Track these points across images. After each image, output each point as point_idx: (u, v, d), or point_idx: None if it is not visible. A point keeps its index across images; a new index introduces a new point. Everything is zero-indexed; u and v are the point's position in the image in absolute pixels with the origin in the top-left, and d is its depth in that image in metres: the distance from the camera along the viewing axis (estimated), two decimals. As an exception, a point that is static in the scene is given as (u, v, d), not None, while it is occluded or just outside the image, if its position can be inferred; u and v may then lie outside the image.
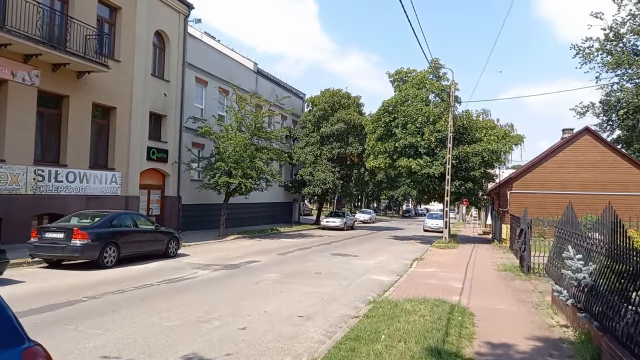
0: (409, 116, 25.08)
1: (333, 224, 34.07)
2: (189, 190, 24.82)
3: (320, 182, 33.76)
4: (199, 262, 14.35)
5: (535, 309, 9.52)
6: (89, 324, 7.11)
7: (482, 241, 29.22)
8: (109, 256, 12.47)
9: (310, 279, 12.22)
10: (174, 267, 13.12)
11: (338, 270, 14.14)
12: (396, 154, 25.48)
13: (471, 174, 24.83)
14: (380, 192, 76.58)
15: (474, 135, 25.70)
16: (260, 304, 9.02)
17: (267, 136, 24.74)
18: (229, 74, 28.08)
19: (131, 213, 14.52)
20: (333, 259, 16.94)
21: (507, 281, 13.12)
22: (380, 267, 15.46)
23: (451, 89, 25.26)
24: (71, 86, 17.67)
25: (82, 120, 18.25)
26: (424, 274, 13.90)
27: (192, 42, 25.52)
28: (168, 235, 15.17)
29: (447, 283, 12.46)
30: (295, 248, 20.06)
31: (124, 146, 20.40)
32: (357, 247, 21.87)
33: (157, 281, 10.88)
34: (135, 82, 20.84)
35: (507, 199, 28.02)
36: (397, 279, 12.92)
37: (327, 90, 37.23)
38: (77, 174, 18.07)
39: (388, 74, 28.09)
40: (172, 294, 9.51)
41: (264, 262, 15.28)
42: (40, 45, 15.32)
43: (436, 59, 26.42)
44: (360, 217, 50.78)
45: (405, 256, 18.83)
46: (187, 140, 24.76)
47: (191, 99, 25.51)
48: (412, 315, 7.92)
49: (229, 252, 17.64)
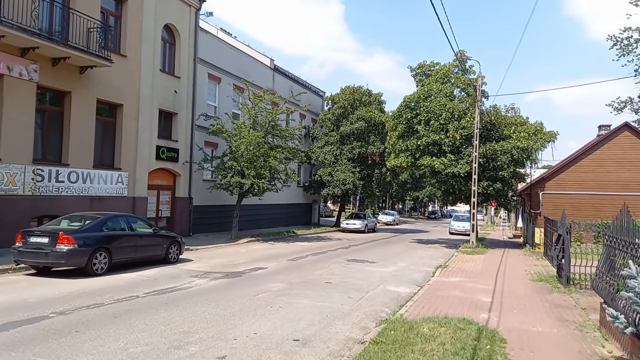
0: (432, 112, 23.51)
1: (353, 226, 32.67)
2: (201, 191, 23.82)
3: (340, 183, 32.40)
4: (200, 269, 13.21)
5: (579, 331, 7.99)
6: (39, 350, 5.97)
7: (512, 246, 27.36)
8: (99, 263, 11.42)
9: (317, 290, 10.91)
10: (170, 275, 12.00)
11: (351, 279, 12.78)
12: (418, 152, 23.94)
13: (500, 173, 23.09)
14: (404, 193, 74.72)
15: (502, 132, 23.94)
16: (253, 322, 7.76)
17: (281, 134, 23.55)
18: (243, 71, 26.99)
19: (126, 215, 13.47)
20: (348, 265, 15.58)
21: (544, 294, 11.53)
22: (399, 275, 14.03)
23: (478, 83, 23.58)
24: (73, 82, 16.82)
25: (85, 117, 17.39)
26: (448, 285, 12.42)
27: (205, 37, 24.54)
28: (168, 239, 14.08)
29: (474, 296, 10.98)
30: (309, 253, 18.78)
31: (132, 145, 19.50)
32: (376, 252, 20.44)
33: (145, 292, 9.74)
34: (143, 78, 19.93)
35: (540, 200, 26.12)
36: (416, 291, 11.50)
37: (347, 88, 35.85)
38: (80, 173, 17.21)
39: (410, 67, 26.59)
40: (155, 309, 8.34)
41: (271, 269, 14.04)
42: (35, 38, 14.44)
43: (462, 51, 24.74)
44: (383, 219, 49.24)
45: (428, 263, 17.33)
46: (199, 139, 23.78)
47: (203, 96, 24.52)
48: (429, 342, 6.52)
49: (236, 257, 16.48)
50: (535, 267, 16.65)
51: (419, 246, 24.79)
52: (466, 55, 24.82)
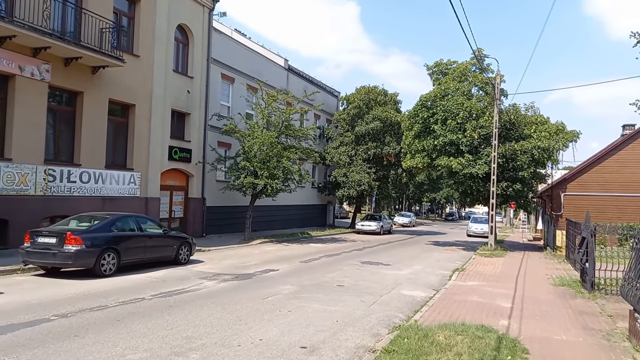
0: (449, 111, 22.95)
1: (368, 227, 32.20)
2: (214, 192, 23.62)
3: (355, 184, 31.97)
4: (210, 271, 12.94)
5: (607, 340, 7.48)
6: (33, 355, 5.72)
7: (532, 248, 26.62)
8: (107, 264, 11.22)
9: (329, 294, 10.53)
10: (179, 277, 11.74)
11: (364, 282, 12.38)
12: (435, 152, 23.39)
13: (519, 174, 22.41)
14: (421, 195, 73.88)
15: (522, 132, 23.27)
16: (260, 327, 7.42)
17: (295, 134, 23.24)
18: (257, 71, 26.76)
19: (136, 216, 13.27)
20: (362, 268, 15.17)
21: (567, 300, 10.97)
22: (414, 279, 13.57)
23: (496, 81, 22.95)
24: (85, 82, 16.75)
25: (97, 117, 17.31)
26: (465, 289, 11.93)
27: (218, 37, 24.39)
28: (178, 240, 13.85)
29: (493, 301, 10.49)
30: (322, 254, 18.41)
31: (144, 145, 19.39)
32: (391, 254, 19.98)
33: (152, 294, 9.48)
34: (156, 78, 19.82)
35: (561, 201, 25.34)
36: (432, 295, 11.05)
37: (362, 88, 35.45)
38: (92, 174, 17.13)
39: (427, 66, 26.03)
40: (159, 312, 8.06)
41: (283, 271, 13.71)
42: (47, 37, 14.37)
43: (480, 49, 24.11)
44: (399, 220, 48.65)
45: (445, 266, 16.82)
46: (213, 140, 23.60)
47: (217, 97, 24.36)
48: (445, 352, 6.10)
49: (248, 258, 16.19)
50: (557, 270, 16.03)
51: (436, 248, 24.23)
52: (484, 53, 24.21)
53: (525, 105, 24.48)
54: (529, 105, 24.37)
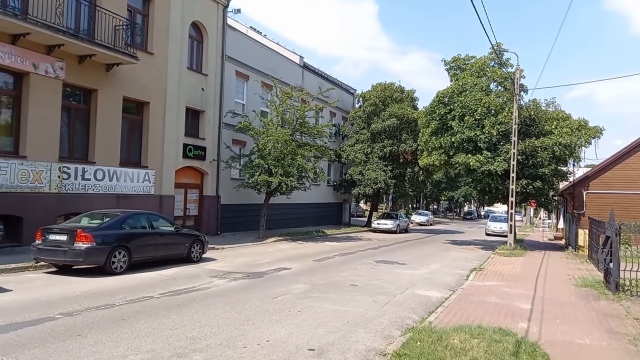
0: (467, 107, 22.44)
1: (385, 226, 31.81)
2: (229, 190, 23.53)
3: (371, 182, 31.59)
4: (222, 269, 12.78)
5: (634, 345, 7.07)
6: (33, 354, 5.58)
7: (553, 248, 25.94)
8: (118, 261, 11.14)
9: (341, 293, 10.26)
10: (190, 275, 11.60)
11: (378, 282, 12.07)
12: (452, 149, 22.90)
13: (540, 171, 21.79)
14: (439, 193, 73.02)
15: (542, 128, 22.63)
16: (268, 328, 7.19)
17: (309, 132, 23.00)
18: (272, 68, 26.58)
19: (147, 213, 13.16)
20: (376, 267, 14.86)
21: (590, 301, 10.52)
22: (430, 278, 13.21)
23: (516, 76, 22.36)
24: (99, 79, 16.76)
25: (111, 115, 17.31)
26: (483, 289, 11.55)
27: (233, 35, 24.27)
28: (190, 238, 13.73)
29: (511, 302, 10.10)
30: (336, 253, 18.15)
31: (158, 143, 19.36)
32: (407, 253, 19.61)
33: (161, 293, 9.34)
34: (170, 75, 19.77)
35: (583, 200, 24.59)
36: (448, 296, 10.70)
37: (378, 85, 35.02)
38: (107, 171, 17.14)
39: (444, 61, 25.54)
40: (166, 311, 7.90)
41: (295, 269, 13.48)
42: (60, 35, 14.37)
43: (499, 43, 23.55)
44: (417, 219, 48.09)
45: (462, 265, 16.41)
46: (227, 137, 23.49)
47: (231, 94, 24.26)
48: (460, 356, 5.79)
49: (261, 256, 16.02)
50: (579, 271, 15.49)
51: (453, 247, 23.76)
52: (503, 48, 23.60)
53: (546, 101, 23.84)
54: (549, 101, 23.71)
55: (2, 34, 13.68)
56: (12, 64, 14.07)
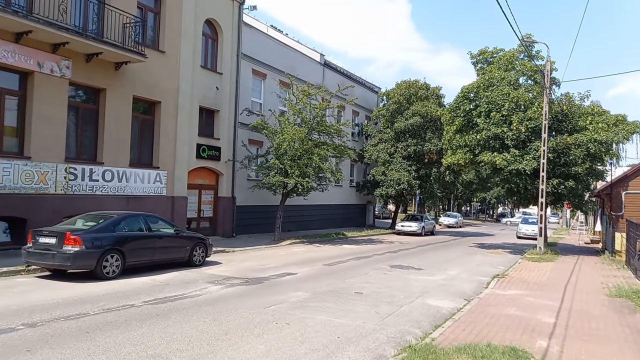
0: (494, 103, 21.17)
1: (409, 228, 30.67)
2: (245, 191, 22.96)
3: (394, 183, 30.50)
4: (222, 274, 12.13)
5: (673, 372, 5.97)
6: (-32, 373, 5.00)
7: (588, 252, 24.26)
8: (110, 266, 10.62)
9: (342, 303, 9.42)
10: (185, 280, 10.98)
11: (387, 289, 11.16)
12: (478, 147, 21.66)
13: (572, 169, 20.29)
14: (471, 194, 70.87)
15: (576, 123, 21.12)
16: (244, 344, 6.43)
17: (327, 130, 22.19)
18: (291, 67, 25.88)
19: (144, 215, 12.62)
20: (389, 272, 13.92)
21: (624, 315, 9.33)
22: (445, 285, 12.19)
23: (546, 68, 20.93)
24: (108, 78, 16.43)
25: (121, 115, 16.97)
26: (503, 299, 10.48)
27: (249, 32, 23.73)
28: (192, 240, 13.13)
29: (533, 315, 9.03)
30: (352, 257, 17.27)
31: (170, 143, 18.96)
32: (427, 257, 18.54)
33: (145, 300, 8.72)
34: (182, 74, 19.35)
35: (622, 200, 22.86)
36: (462, 306, 9.70)
37: (403, 82, 33.90)
38: (116, 172, 16.80)
39: (470, 54, 24.31)
40: (140, 322, 7.25)
41: (301, 274, 12.71)
42: (63, 32, 14.06)
43: (528, 35, 22.14)
44: (445, 221, 46.58)
45: (484, 271, 15.25)
46: (244, 137, 22.93)
47: (247, 93, 23.71)
48: (453, 386, 4.88)
49: (271, 260, 15.33)
50: (615, 278, 14.12)
51: (479, 251, 22.48)
52: (533, 39, 22.18)
53: (580, 95, 22.21)
54: (584, 94, 22.07)
55: (5, 32, 13.45)
56: (16, 63, 13.85)
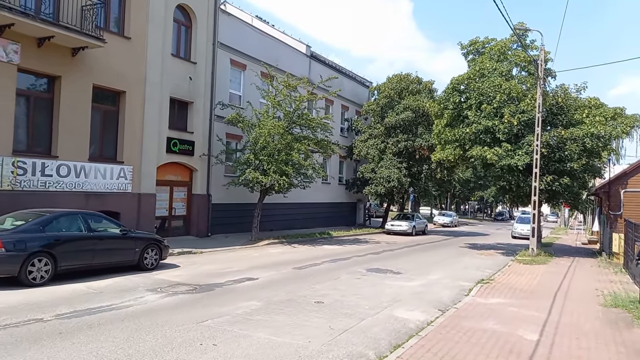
0: (485, 94, 19.88)
1: (399, 228, 29.39)
2: (222, 188, 21.59)
3: (384, 180, 29.19)
4: (173, 280, 10.86)
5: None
6: None
7: (585, 253, 23.00)
8: (38, 271, 9.36)
9: (295, 315, 8.16)
10: (124, 288, 9.71)
11: (353, 297, 9.89)
12: (468, 142, 20.36)
13: (568, 165, 19.00)
14: (469, 193, 69.56)
15: (572, 117, 19.82)
16: (146, 374, 5.17)
17: (307, 124, 20.89)
18: (273, 58, 24.54)
19: (85, 213, 11.34)
20: (363, 277, 12.64)
21: (619, 330, 8.06)
22: (421, 293, 10.92)
23: (540, 57, 19.63)
24: (64, 65, 15.13)
25: (79, 105, 15.67)
26: (483, 310, 9.21)
27: (227, 20, 22.43)
28: (142, 242, 11.85)
29: (514, 330, 7.77)
30: (328, 259, 16.01)
31: (137, 136, 17.66)
32: (410, 260, 17.28)
33: (58, 314, 7.46)
34: (150, 62, 18.03)
35: (621, 199, 21.58)
36: (433, 319, 8.43)
37: (394, 76, 32.60)
38: (72, 167, 15.51)
39: (461, 45, 22.92)
40: (31, 344, 6.00)
41: (263, 280, 11.44)
42: (6, 12, 12.75)
43: (521, 23, 20.83)
44: (440, 220, 45.32)
45: (470, 275, 13.98)
46: (221, 131, 21.63)
47: (225, 85, 22.41)
48: None
49: (237, 263, 14.07)
50: (611, 284, 12.85)
51: (469, 252, 21.20)
52: (526, 27, 20.85)
53: (576, 86, 20.86)
54: (580, 86, 20.72)
55: (-62, 12, 12.19)
56: (-47, 46, 12.60)
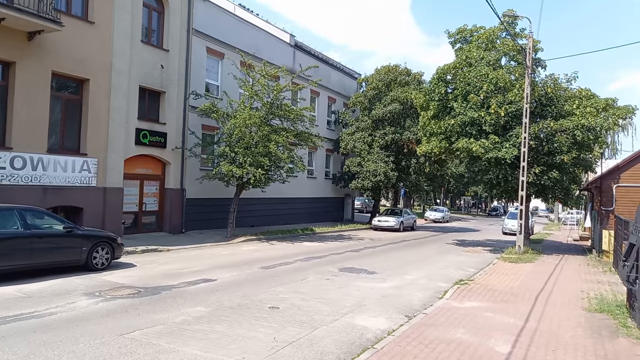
0: (471, 84, 18.95)
1: (386, 223, 28.50)
2: (197, 182, 20.63)
3: (370, 174, 28.29)
4: (119, 282, 9.93)
5: None
6: None
7: (575, 251, 22.17)
8: (-40, 273, 8.44)
9: (240, 324, 7.26)
10: (58, 292, 8.78)
11: (314, 301, 8.99)
12: (454, 134, 19.43)
13: (557, 158, 18.12)
14: (464, 188, 68.73)
15: (562, 108, 18.91)
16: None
17: (285, 115, 19.92)
18: (255, 47, 23.52)
19: (22, 209, 10.36)
20: (333, 277, 11.74)
21: (602, 340, 7.18)
22: (391, 296, 10.02)
23: (528, 45, 18.70)
24: (19, 50, 14.14)
25: (36, 93, 14.68)
26: (454, 316, 8.32)
27: (203, 6, 21.38)
28: (90, 240, 10.90)
29: (485, 340, 6.89)
30: (302, 257, 15.11)
31: (102, 127, 16.67)
32: (392, 257, 16.40)
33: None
34: (117, 49, 17.02)
35: (613, 194, 20.73)
36: (396, 327, 7.53)
37: (383, 67, 31.65)
38: (29, 159, 14.53)
39: (448, 33, 21.88)
40: None
41: (221, 281, 10.53)
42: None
43: (510, 10, 19.87)
44: (431, 215, 44.51)
45: (450, 275, 13.10)
46: (196, 123, 20.69)
47: (201, 74, 21.40)
48: None
49: (200, 261, 13.15)
50: (599, 285, 11.99)
51: (455, 249, 20.33)
52: (516, 15, 19.88)
53: (567, 77, 19.95)
54: (570, 76, 19.80)
55: None
56: None
